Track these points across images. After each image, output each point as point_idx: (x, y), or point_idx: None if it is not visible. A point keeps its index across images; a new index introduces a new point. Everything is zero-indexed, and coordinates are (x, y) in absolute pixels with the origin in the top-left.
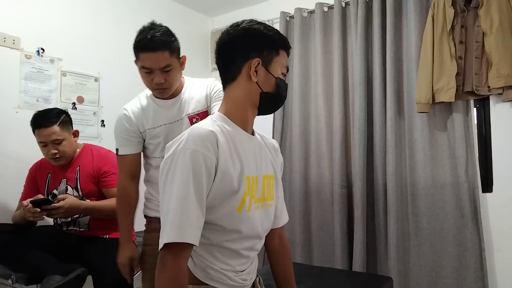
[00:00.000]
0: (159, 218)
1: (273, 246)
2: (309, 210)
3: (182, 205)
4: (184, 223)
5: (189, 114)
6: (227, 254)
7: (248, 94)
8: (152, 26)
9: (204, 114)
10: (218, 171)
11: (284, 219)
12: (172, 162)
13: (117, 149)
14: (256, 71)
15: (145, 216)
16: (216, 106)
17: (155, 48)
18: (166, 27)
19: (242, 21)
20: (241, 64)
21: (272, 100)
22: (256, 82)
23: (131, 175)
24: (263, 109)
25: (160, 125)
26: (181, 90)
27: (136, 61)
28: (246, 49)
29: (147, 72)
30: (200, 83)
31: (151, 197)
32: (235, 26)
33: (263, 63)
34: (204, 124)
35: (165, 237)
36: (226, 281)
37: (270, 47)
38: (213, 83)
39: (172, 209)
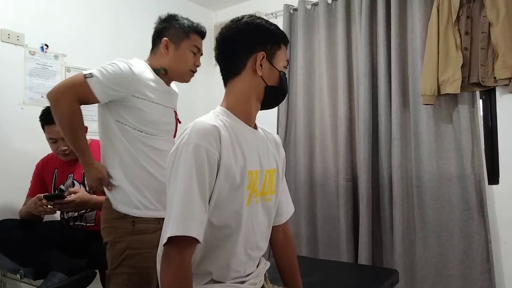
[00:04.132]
0: (151, 218)
1: (277, 240)
2: (314, 203)
3: (185, 199)
4: (186, 217)
5: (175, 108)
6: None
7: (252, 88)
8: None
9: (175, 113)
10: (221, 166)
11: (289, 212)
12: (176, 156)
13: (90, 74)
14: (261, 65)
15: (126, 215)
16: None
17: (205, 36)
18: None
19: (243, 16)
20: (246, 58)
21: (276, 93)
22: (261, 76)
23: (80, 102)
24: (267, 103)
25: (167, 106)
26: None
27: (183, 40)
28: (250, 43)
29: (195, 54)
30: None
31: (140, 191)
32: (237, 21)
33: (267, 57)
34: (206, 118)
35: (168, 231)
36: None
37: (272, 41)
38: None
39: (176, 203)
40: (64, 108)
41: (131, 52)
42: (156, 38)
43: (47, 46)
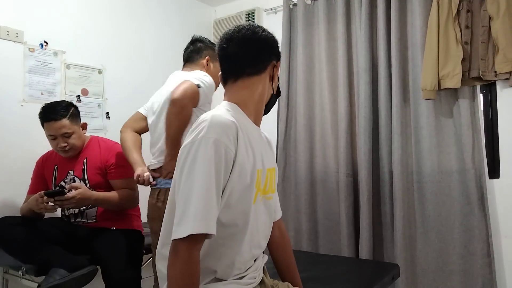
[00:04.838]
0: None
1: (273, 237)
2: (315, 199)
3: (205, 196)
4: (208, 214)
5: None
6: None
7: (265, 92)
8: None
9: None
10: (236, 164)
11: (279, 212)
12: (191, 150)
13: (198, 84)
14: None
15: None
16: None
17: None
18: None
19: (259, 26)
20: (267, 63)
21: (274, 103)
22: (272, 83)
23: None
24: (266, 110)
25: None
26: None
27: (217, 59)
28: (270, 52)
29: None
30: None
31: None
32: (258, 27)
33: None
34: (222, 113)
35: (189, 228)
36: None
37: (279, 56)
38: None
39: (195, 199)
40: (188, 113)
41: (131, 49)
42: (196, 54)
43: (47, 43)
